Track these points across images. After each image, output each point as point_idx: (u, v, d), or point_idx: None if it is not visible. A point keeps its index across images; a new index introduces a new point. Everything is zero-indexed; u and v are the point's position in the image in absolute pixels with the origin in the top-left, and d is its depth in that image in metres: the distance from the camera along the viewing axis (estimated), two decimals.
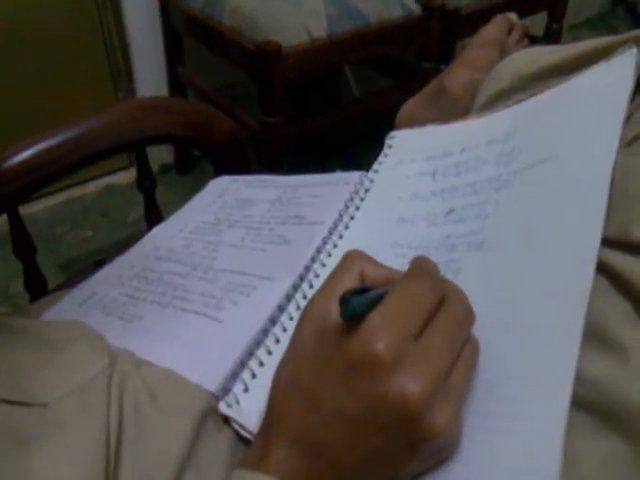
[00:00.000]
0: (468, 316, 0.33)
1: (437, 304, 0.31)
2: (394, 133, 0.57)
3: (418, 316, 0.30)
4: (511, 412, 0.30)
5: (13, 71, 1.49)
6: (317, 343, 0.32)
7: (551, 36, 1.70)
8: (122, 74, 1.67)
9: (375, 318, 0.30)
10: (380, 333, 0.29)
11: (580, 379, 0.30)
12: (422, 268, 0.34)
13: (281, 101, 1.28)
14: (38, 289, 0.67)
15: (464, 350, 0.31)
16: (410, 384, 0.28)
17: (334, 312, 0.31)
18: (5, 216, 0.63)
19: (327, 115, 1.49)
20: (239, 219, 0.57)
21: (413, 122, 0.63)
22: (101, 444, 0.33)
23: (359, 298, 0.30)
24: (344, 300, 0.30)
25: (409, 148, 0.54)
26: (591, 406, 0.31)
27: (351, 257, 0.36)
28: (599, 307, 0.33)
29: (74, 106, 1.55)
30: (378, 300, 0.31)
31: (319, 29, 1.30)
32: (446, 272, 0.37)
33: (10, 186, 0.60)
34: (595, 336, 0.32)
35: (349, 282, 0.34)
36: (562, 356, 0.30)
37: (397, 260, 0.41)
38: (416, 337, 0.30)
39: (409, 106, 0.70)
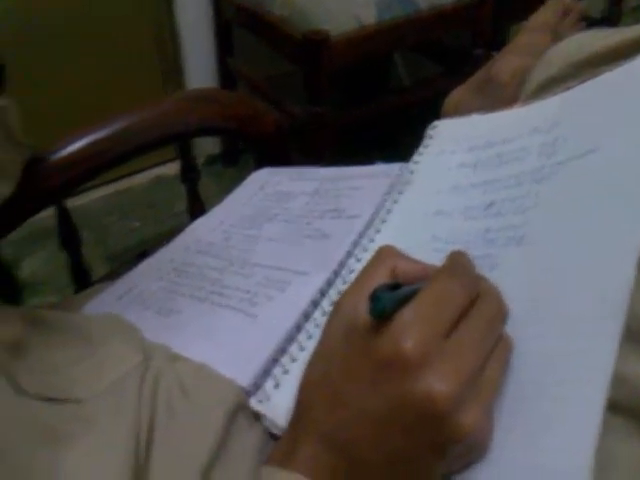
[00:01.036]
0: (500, 314, 0.32)
1: (470, 301, 0.31)
2: (436, 123, 0.55)
3: (449, 314, 0.30)
4: (544, 412, 0.29)
5: (65, 65, 1.52)
6: (346, 340, 0.32)
7: (610, 19, 1.63)
8: (171, 66, 1.69)
9: (405, 316, 0.29)
10: (409, 331, 0.29)
11: (617, 379, 0.28)
12: (457, 263, 0.33)
13: (328, 90, 1.27)
14: (83, 280, 0.68)
15: (496, 349, 0.31)
16: (437, 383, 0.27)
17: (363, 309, 0.31)
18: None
19: (374, 104, 1.47)
20: (278, 212, 0.57)
21: (459, 111, 0.61)
22: (132, 441, 0.34)
23: (390, 295, 0.30)
24: (374, 297, 0.29)
25: (451, 138, 0.52)
26: (627, 408, 0.29)
27: (384, 253, 0.35)
28: None
29: (123, 99, 1.58)
30: (410, 297, 0.30)
31: (368, 16, 1.29)
32: (482, 267, 0.35)
33: (58, 178, 0.61)
34: (635, 335, 0.30)
35: (381, 278, 0.33)
36: (599, 354, 0.29)
37: (435, 254, 0.40)
38: (446, 335, 0.29)
39: (455, 95, 0.68)
